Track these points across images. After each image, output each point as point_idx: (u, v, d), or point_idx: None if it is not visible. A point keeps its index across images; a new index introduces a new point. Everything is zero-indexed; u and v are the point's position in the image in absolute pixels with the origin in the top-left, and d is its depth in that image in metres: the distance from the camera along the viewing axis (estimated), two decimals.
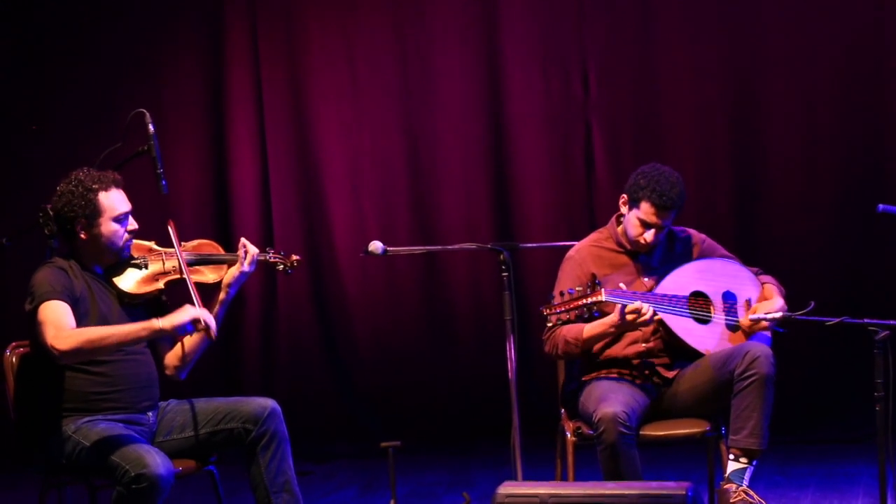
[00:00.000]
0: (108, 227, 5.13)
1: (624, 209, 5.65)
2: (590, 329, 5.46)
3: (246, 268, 5.29)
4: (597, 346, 5.58)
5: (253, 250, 5.30)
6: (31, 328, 5.03)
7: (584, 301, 5.30)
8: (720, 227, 7.46)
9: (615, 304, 5.35)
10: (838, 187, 7.80)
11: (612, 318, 5.37)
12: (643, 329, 5.53)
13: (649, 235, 5.56)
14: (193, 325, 4.98)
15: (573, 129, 8.15)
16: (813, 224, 7.83)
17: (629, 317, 5.33)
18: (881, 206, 5.49)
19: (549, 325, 5.48)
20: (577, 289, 5.35)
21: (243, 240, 5.32)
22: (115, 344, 4.95)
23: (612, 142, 8.07)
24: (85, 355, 4.97)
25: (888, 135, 7.74)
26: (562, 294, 5.36)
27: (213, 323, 5.02)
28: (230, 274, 5.29)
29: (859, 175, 7.76)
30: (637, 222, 5.58)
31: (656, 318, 5.40)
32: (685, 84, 7.96)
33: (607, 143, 8.08)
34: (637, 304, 5.32)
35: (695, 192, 7.90)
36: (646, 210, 5.54)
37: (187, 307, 5.01)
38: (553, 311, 5.35)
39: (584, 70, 8.11)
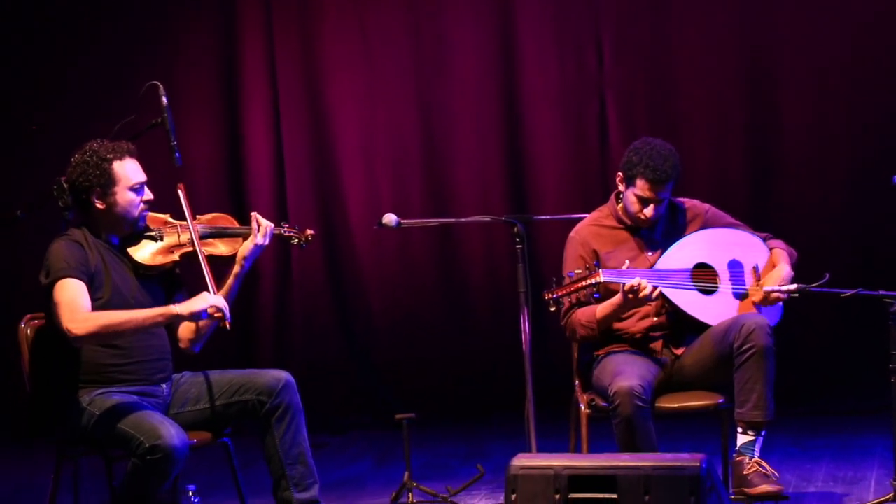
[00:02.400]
0: (123, 196, 5.13)
1: (621, 187, 5.65)
2: (601, 310, 5.48)
3: (261, 241, 5.28)
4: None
5: (266, 224, 5.29)
6: (46, 303, 5.04)
7: (584, 283, 5.32)
8: (734, 199, 7.45)
9: (617, 283, 5.36)
10: (852, 159, 7.78)
11: (617, 298, 5.38)
12: (651, 304, 5.53)
13: (649, 211, 5.56)
14: (209, 312, 4.99)
15: (587, 103, 8.14)
16: (827, 196, 7.82)
17: (630, 295, 5.33)
18: None
19: (552, 309, 5.48)
20: (576, 272, 5.36)
21: (255, 214, 5.31)
22: (131, 330, 4.96)
23: (625, 115, 8.06)
24: (101, 340, 4.99)
25: None
26: (563, 278, 5.38)
27: (228, 311, 5.01)
28: (245, 247, 5.29)
29: (873, 147, 7.74)
30: (635, 199, 5.57)
31: (656, 293, 5.39)
32: (699, 57, 7.94)
33: (621, 117, 8.06)
34: (635, 281, 5.31)
35: (708, 164, 7.91)
36: (642, 186, 5.54)
37: (205, 294, 5.02)
38: (554, 295, 5.36)
39: (598, 43, 8.09)
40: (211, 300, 4.99)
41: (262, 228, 5.28)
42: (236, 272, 5.28)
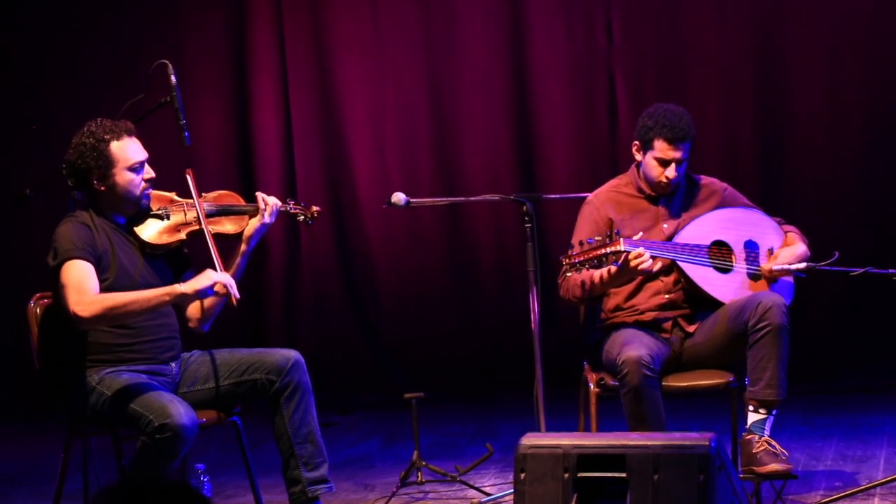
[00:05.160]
0: (122, 176, 5.11)
1: (638, 156, 5.63)
2: (598, 274, 5.43)
3: (267, 219, 5.28)
4: (619, 299, 5.57)
5: (272, 201, 5.29)
6: (53, 284, 5.04)
7: (603, 251, 5.28)
8: (744, 176, 7.45)
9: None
10: (862, 137, 7.76)
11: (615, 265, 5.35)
12: (664, 279, 5.52)
13: (671, 172, 5.53)
14: (214, 290, 4.98)
15: (596, 80, 8.12)
16: (837, 174, 7.80)
17: (632, 263, 5.29)
18: None
19: (568, 274, 5.46)
20: (596, 238, 5.33)
21: (259, 193, 5.31)
22: (138, 311, 4.95)
23: (635, 92, 8.03)
24: (107, 322, 4.98)
25: None
26: (581, 244, 5.34)
27: (234, 288, 5.00)
28: (251, 226, 5.28)
29: (884, 126, 7.72)
30: (655, 163, 5.55)
31: (656, 267, 5.37)
32: (708, 33, 7.92)
33: (630, 94, 8.04)
34: (639, 250, 5.28)
35: (718, 141, 7.89)
36: (660, 147, 5.52)
37: (209, 272, 5.00)
38: (572, 260, 5.33)
39: (607, 20, 8.07)
40: (215, 277, 4.98)
41: (269, 207, 5.27)
42: (243, 251, 5.28)
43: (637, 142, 5.61)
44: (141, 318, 5.05)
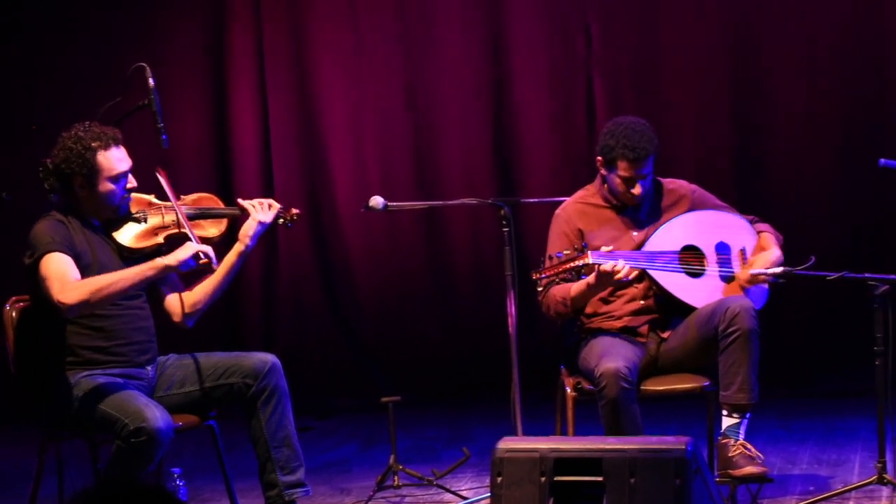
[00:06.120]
0: (105, 186, 5.10)
1: (603, 171, 5.64)
2: (576, 288, 5.46)
3: (262, 217, 5.27)
4: (595, 305, 5.58)
5: (269, 202, 5.29)
6: (31, 282, 5.02)
7: (572, 265, 5.31)
8: (721, 181, 7.45)
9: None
10: (840, 141, 7.79)
11: (591, 277, 5.37)
12: (637, 286, 5.54)
13: (637, 189, 5.55)
14: (195, 259, 4.97)
15: (575, 84, 8.13)
16: (814, 178, 7.83)
17: (604, 270, 5.31)
18: (882, 161, 5.48)
19: (540, 288, 5.49)
20: (565, 252, 5.35)
21: (240, 201, 5.31)
22: (124, 288, 4.93)
23: (613, 96, 8.05)
24: (93, 306, 4.95)
25: (891, 89, 7.72)
26: (550, 258, 5.37)
27: (213, 254, 4.99)
28: (248, 225, 5.26)
29: (861, 129, 7.75)
30: (619, 181, 5.57)
31: (633, 275, 5.39)
32: (686, 39, 7.93)
33: (609, 98, 8.05)
34: (611, 263, 5.30)
35: (696, 145, 7.92)
36: (623, 167, 5.54)
37: (189, 243, 5.01)
38: (542, 275, 5.36)
39: (585, 24, 8.07)
40: (195, 246, 4.98)
41: (263, 206, 5.27)
42: (239, 250, 5.25)
43: (600, 158, 5.62)
44: (127, 293, 5.00)
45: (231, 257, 5.25)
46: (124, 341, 5.13)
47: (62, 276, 4.92)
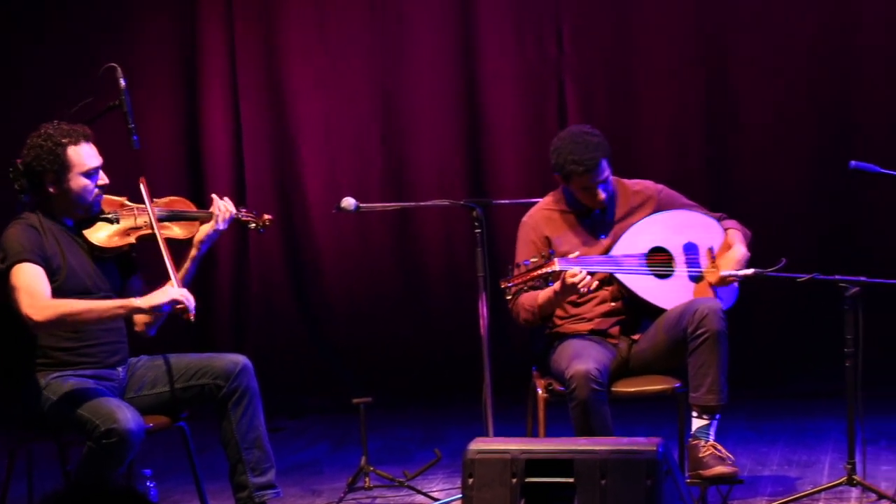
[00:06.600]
0: (77, 182, 5.09)
1: (562, 184, 5.66)
2: (542, 295, 5.49)
3: (220, 225, 5.27)
4: (565, 307, 5.59)
5: (228, 209, 5.28)
6: (2, 287, 5.00)
7: (540, 272, 5.33)
8: (693, 182, 7.46)
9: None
10: (811, 144, 7.81)
11: (557, 285, 5.39)
12: (607, 288, 5.56)
13: (599, 196, 5.57)
14: (171, 306, 4.97)
15: (547, 87, 8.13)
16: (785, 181, 7.85)
17: (567, 281, 5.33)
18: (853, 163, 5.50)
19: (508, 297, 5.51)
20: (532, 260, 5.37)
21: (215, 197, 5.30)
22: (91, 320, 4.94)
23: (585, 99, 8.05)
24: (60, 327, 4.98)
25: (860, 92, 7.75)
26: (518, 266, 5.39)
27: (192, 304, 4.98)
28: (203, 231, 5.27)
29: (831, 132, 7.77)
30: (579, 192, 5.59)
31: (593, 285, 5.40)
32: (658, 43, 7.94)
33: (581, 101, 8.06)
34: (574, 270, 5.31)
35: (668, 146, 7.93)
36: (578, 181, 5.56)
37: (167, 289, 4.99)
38: (511, 283, 5.38)
39: (557, 27, 8.08)
40: (172, 294, 4.97)
41: (223, 214, 5.26)
42: (193, 255, 5.27)
43: (556, 174, 5.64)
44: (94, 326, 5.03)
45: (186, 264, 5.25)
46: (95, 342, 5.12)
47: (32, 289, 4.91)
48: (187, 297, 4.98)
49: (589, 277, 5.31)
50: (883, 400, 6.79)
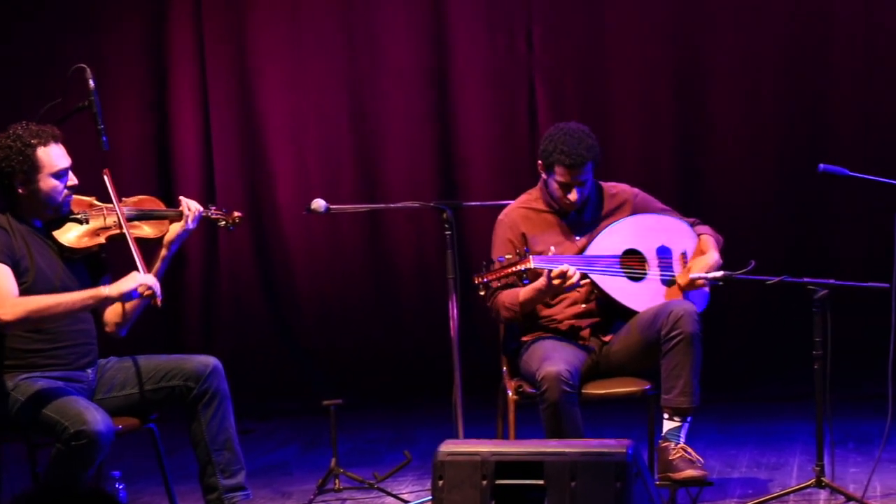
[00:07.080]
0: (46, 182, 5.07)
1: (543, 175, 5.67)
2: (525, 293, 5.50)
3: (189, 225, 5.27)
4: (537, 308, 5.60)
5: (195, 207, 5.27)
6: None
7: (514, 269, 5.34)
8: (664, 185, 7.49)
9: (544, 269, 5.38)
10: (781, 146, 7.84)
11: (540, 282, 5.39)
12: (579, 290, 5.56)
13: (572, 195, 5.59)
14: (139, 292, 4.96)
15: (517, 87, 8.14)
16: (755, 183, 7.87)
17: (555, 281, 5.35)
18: (822, 166, 5.52)
19: (482, 293, 5.50)
20: (507, 257, 5.39)
21: (182, 198, 5.29)
22: (62, 313, 4.93)
23: (556, 100, 8.07)
24: (31, 324, 4.95)
25: (831, 95, 7.78)
26: (492, 262, 5.39)
27: (158, 289, 4.98)
28: (172, 231, 5.26)
29: (801, 136, 7.81)
30: (557, 186, 5.60)
31: (584, 281, 5.42)
32: (629, 44, 7.96)
33: (551, 101, 8.07)
34: (562, 268, 5.34)
35: (639, 149, 7.95)
36: (560, 173, 5.57)
37: (134, 274, 4.99)
38: (484, 279, 5.39)
39: (528, 27, 8.09)
40: (140, 279, 4.97)
41: (191, 213, 5.25)
42: (163, 255, 5.26)
43: (540, 161, 5.65)
44: (64, 320, 5.01)
45: (156, 264, 5.24)
46: (65, 344, 5.10)
47: (1, 290, 4.89)
48: (154, 283, 4.98)
49: (578, 273, 5.33)
50: (851, 402, 6.83)
